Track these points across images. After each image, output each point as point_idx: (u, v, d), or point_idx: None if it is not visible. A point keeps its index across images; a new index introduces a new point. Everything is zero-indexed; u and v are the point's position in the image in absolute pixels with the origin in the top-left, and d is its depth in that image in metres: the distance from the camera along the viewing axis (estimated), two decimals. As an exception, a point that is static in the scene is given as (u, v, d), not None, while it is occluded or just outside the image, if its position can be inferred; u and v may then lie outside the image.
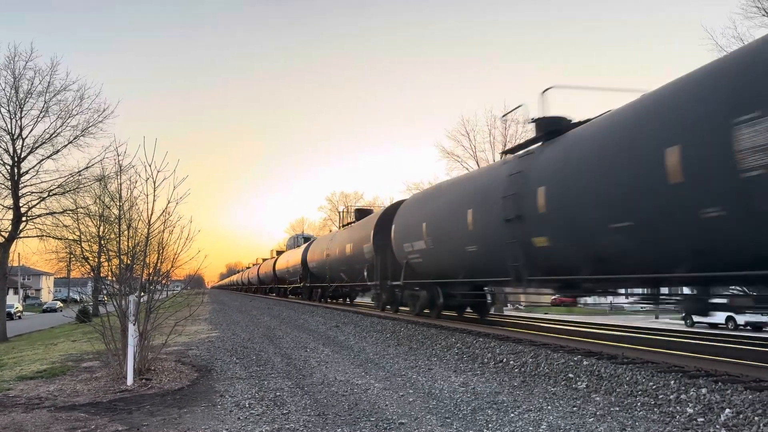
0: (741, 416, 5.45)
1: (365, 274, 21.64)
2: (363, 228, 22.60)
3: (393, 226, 18.42)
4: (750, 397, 5.73)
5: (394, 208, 19.84)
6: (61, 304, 68.67)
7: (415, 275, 16.88)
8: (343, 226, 28.44)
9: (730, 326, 26.90)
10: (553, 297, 38.10)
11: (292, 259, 39.65)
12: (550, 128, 11.24)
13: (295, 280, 38.72)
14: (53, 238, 31.74)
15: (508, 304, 36.11)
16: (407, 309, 18.82)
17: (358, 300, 33.35)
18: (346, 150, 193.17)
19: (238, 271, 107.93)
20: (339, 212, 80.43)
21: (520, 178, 11.07)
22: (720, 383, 6.33)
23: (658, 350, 9.34)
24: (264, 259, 65.31)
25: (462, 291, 15.49)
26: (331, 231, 32.61)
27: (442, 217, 14.78)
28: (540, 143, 11.52)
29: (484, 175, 13.90)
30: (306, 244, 36.22)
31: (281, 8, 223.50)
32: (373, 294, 22.46)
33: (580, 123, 10.93)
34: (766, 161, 6.16)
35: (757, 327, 26.22)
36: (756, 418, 5.32)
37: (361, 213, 26.70)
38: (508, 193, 11.25)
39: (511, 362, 9.30)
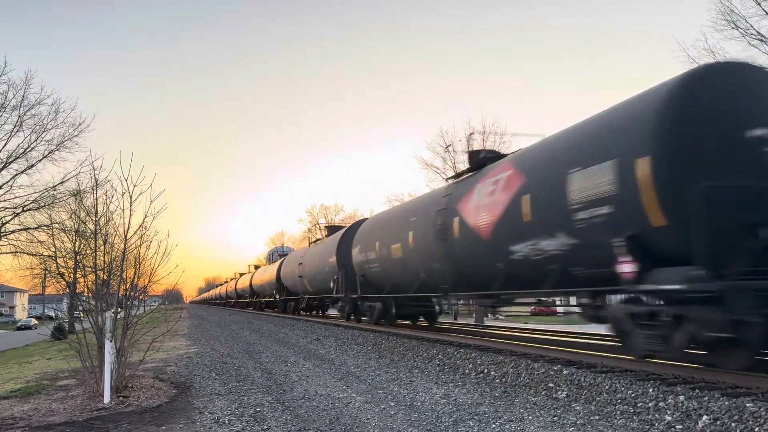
0: (718, 422, 5.52)
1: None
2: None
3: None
4: (727, 403, 5.81)
5: (356, 226, 22.72)
6: (36, 321, 67.49)
7: (371, 288, 19.06)
8: (314, 242, 33.46)
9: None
10: (533, 307, 38.23)
11: (267, 274, 42.81)
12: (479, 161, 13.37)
13: (270, 294, 40.86)
14: (28, 254, 31.31)
15: (489, 314, 36.06)
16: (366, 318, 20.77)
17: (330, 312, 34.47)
18: (326, 163, 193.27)
19: (217, 286, 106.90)
20: (314, 225, 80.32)
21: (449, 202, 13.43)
22: (697, 390, 6.42)
23: (632, 358, 9.42)
24: (241, 274, 65.92)
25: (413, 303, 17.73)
26: (309, 245, 34.82)
27: (390, 237, 16.93)
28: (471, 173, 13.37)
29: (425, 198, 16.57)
30: (280, 260, 38.97)
31: (261, 20, 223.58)
32: (339, 305, 24.27)
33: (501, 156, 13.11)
34: None
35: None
36: (733, 425, 5.40)
37: (331, 229, 29.90)
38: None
39: (492, 373, 9.32)
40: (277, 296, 36.47)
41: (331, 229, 30.03)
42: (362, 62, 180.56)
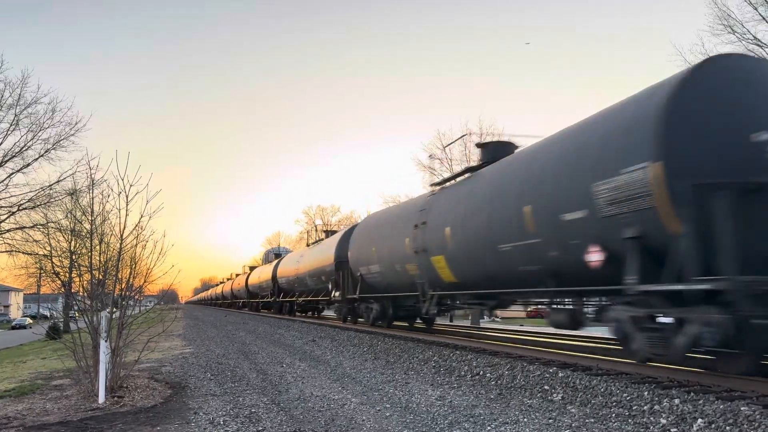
0: (713, 426, 5.53)
1: (329, 287, 22.34)
2: (327, 246, 24.01)
3: (350, 246, 19.96)
4: (722, 407, 5.82)
5: (352, 229, 21.46)
6: (31, 321, 67.16)
7: (370, 289, 18.11)
8: (311, 243, 30.87)
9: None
10: (529, 309, 38.40)
11: (263, 274, 39.05)
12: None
13: (266, 295, 37.95)
14: (23, 253, 31.20)
15: (484, 317, 36.10)
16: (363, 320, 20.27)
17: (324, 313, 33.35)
18: (323, 163, 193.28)
19: (213, 286, 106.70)
20: (313, 226, 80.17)
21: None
22: (692, 393, 6.43)
23: (632, 361, 9.43)
24: (251, 267, 63.08)
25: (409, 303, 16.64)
26: (308, 245, 32.21)
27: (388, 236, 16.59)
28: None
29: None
30: (276, 261, 36.07)
31: (260, 21, 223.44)
32: (336, 306, 23.18)
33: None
34: None
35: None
36: (727, 428, 5.40)
37: (328, 233, 28.64)
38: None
39: (488, 375, 9.32)
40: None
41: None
42: (361, 63, 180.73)
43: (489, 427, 6.16)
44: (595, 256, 8.52)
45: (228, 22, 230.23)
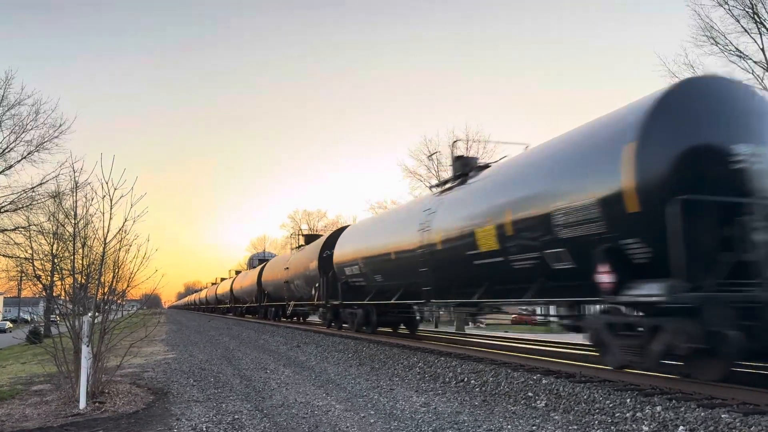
0: (694, 433, 5.58)
1: (313, 293, 22.19)
2: (311, 251, 24.32)
3: (335, 251, 20.15)
4: (702, 414, 5.87)
5: (337, 233, 21.52)
6: (11, 325, 66.26)
7: (353, 295, 18.23)
8: (296, 248, 30.16)
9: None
10: (514, 315, 38.49)
11: (225, 287, 44.22)
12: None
13: (251, 300, 38.98)
14: (4, 256, 30.82)
15: (470, 323, 35.99)
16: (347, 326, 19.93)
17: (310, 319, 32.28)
18: (309, 168, 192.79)
19: (197, 291, 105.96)
20: (296, 233, 79.91)
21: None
22: (674, 401, 6.48)
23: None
24: (213, 283, 65.50)
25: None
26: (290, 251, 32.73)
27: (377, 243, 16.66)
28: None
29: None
30: (261, 266, 37.38)
31: (248, 26, 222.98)
32: (320, 312, 22.93)
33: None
34: None
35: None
36: (708, 435, 5.45)
37: (310, 237, 29.21)
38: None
39: (472, 381, 9.34)
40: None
41: (307, 238, 28.18)
42: (350, 68, 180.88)
43: (473, 434, 6.17)
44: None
45: (216, 26, 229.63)
